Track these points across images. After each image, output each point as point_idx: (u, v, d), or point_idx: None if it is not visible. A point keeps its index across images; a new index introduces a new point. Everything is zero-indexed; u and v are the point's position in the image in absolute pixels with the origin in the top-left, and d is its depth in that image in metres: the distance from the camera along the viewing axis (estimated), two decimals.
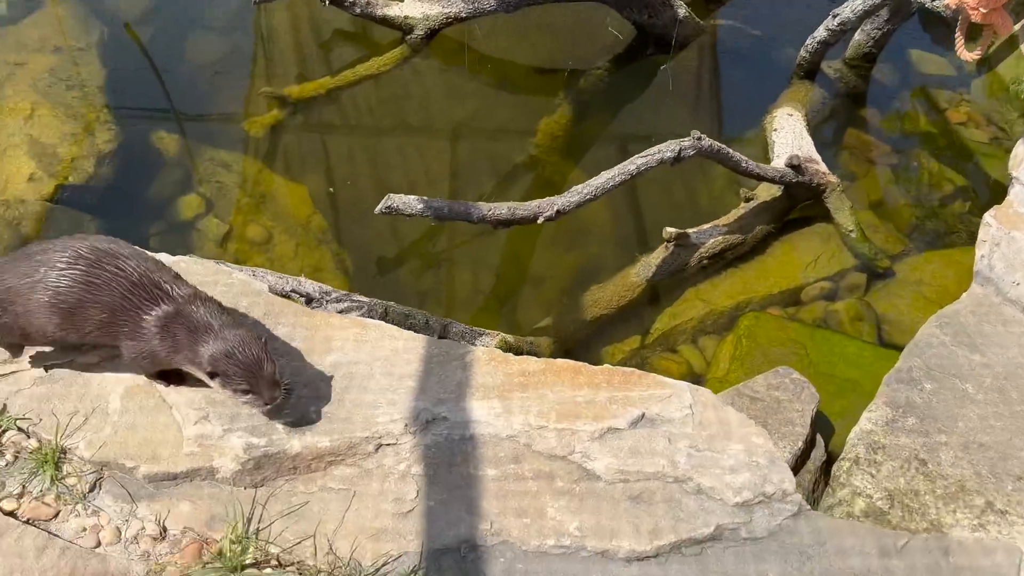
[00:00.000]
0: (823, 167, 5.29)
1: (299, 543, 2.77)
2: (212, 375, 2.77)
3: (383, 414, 2.98)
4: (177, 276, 2.93)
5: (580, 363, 3.15)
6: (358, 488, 2.89)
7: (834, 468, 3.30)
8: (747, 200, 5.22)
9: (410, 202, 3.70)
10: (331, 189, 5.46)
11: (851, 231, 5.16)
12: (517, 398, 3.02)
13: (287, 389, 2.88)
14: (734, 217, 5.18)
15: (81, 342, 2.99)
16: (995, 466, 3.16)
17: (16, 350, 3.15)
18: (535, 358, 3.17)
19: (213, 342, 2.74)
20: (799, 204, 5.33)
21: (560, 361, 3.15)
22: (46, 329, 2.90)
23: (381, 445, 2.94)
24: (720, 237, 5.06)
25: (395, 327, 3.33)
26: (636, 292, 4.91)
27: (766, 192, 5.26)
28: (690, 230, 5.01)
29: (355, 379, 3.12)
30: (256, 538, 2.78)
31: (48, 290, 2.81)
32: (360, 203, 5.45)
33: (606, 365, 3.15)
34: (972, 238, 5.06)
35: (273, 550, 2.77)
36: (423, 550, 2.72)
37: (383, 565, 2.71)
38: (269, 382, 2.76)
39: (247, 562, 2.73)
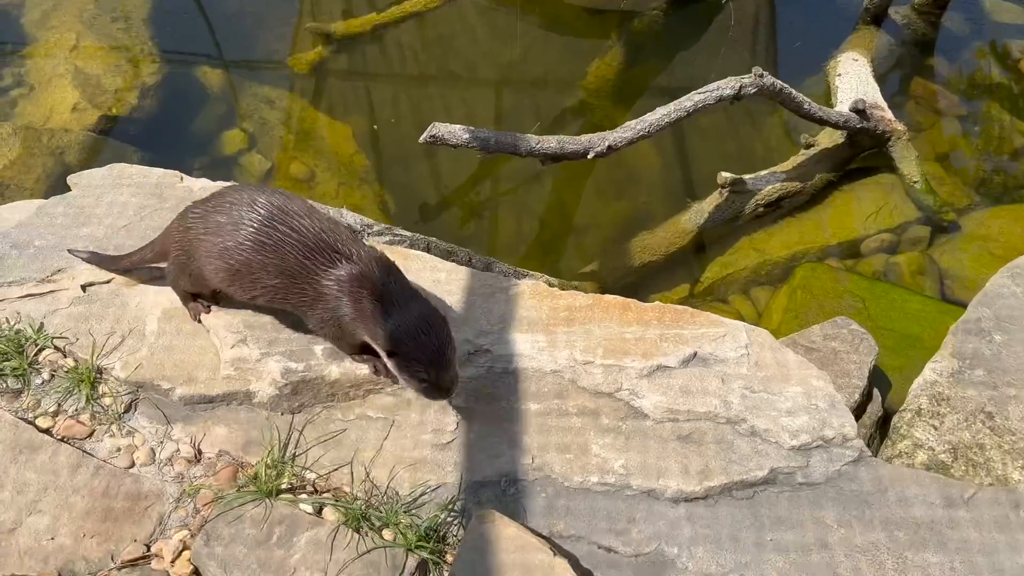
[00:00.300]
0: (889, 114, 5.03)
1: (336, 470, 2.69)
2: (391, 354, 2.48)
3: None
4: (354, 234, 2.70)
5: (629, 299, 3.01)
6: (397, 417, 2.79)
7: (894, 420, 3.13)
8: (807, 147, 4.99)
9: (455, 131, 3.57)
10: (375, 126, 5.35)
11: (916, 182, 4.91)
12: (562, 333, 2.89)
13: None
14: (792, 164, 4.96)
15: (264, 305, 2.77)
16: None
17: (205, 309, 3.00)
18: (582, 293, 3.03)
19: (397, 316, 2.45)
20: (862, 153, 5.09)
21: (608, 297, 3.01)
22: (223, 288, 2.77)
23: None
24: (777, 184, 4.85)
25: (438, 259, 3.21)
26: (687, 239, 4.74)
27: (827, 139, 5.02)
28: (746, 176, 4.81)
29: None
30: (292, 464, 2.71)
31: (215, 245, 2.65)
32: (403, 144, 5.34)
33: (657, 302, 3.01)
34: None
35: (309, 476, 2.69)
36: (462, 481, 2.62)
37: (421, 495, 2.62)
38: (449, 374, 2.46)
39: (282, 487, 2.66)
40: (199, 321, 2.98)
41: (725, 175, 4.70)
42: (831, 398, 2.70)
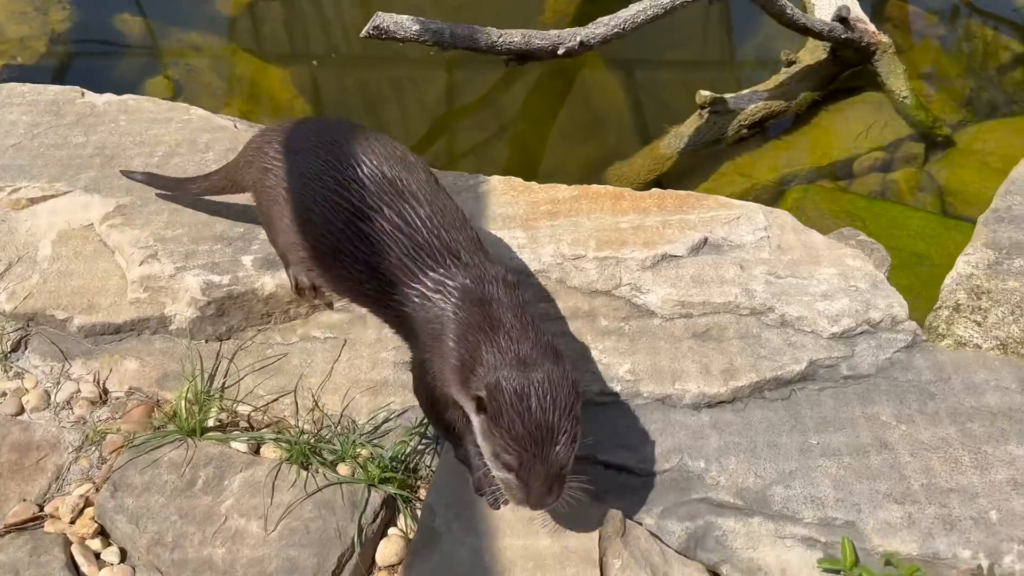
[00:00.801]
0: (872, 27, 4.64)
1: (275, 400, 2.18)
2: (480, 407, 1.65)
3: None
4: (478, 242, 1.96)
5: (622, 188, 2.54)
6: (349, 336, 2.29)
7: (928, 319, 2.69)
8: (788, 64, 4.58)
9: (403, 22, 3.06)
10: (314, 62, 4.83)
11: (905, 97, 4.52)
12: (545, 227, 2.41)
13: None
14: (775, 83, 4.54)
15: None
16: None
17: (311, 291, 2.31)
18: (565, 185, 2.55)
19: (504, 357, 1.67)
20: (846, 70, 4.69)
21: (596, 187, 2.54)
22: (304, 268, 2.16)
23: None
24: (760, 104, 4.42)
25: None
26: (667, 165, 4.28)
27: (809, 56, 4.61)
28: (727, 95, 4.38)
29: None
30: (221, 397, 2.19)
31: (294, 214, 2.04)
32: (346, 90, 4.84)
33: (655, 189, 2.54)
34: None
35: (243, 410, 2.18)
36: None
37: (384, 423, 2.12)
38: (546, 473, 1.60)
39: (209, 424, 2.14)
40: (300, 294, 2.28)
41: (704, 93, 4.27)
42: (872, 277, 2.25)
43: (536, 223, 2.42)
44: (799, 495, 1.90)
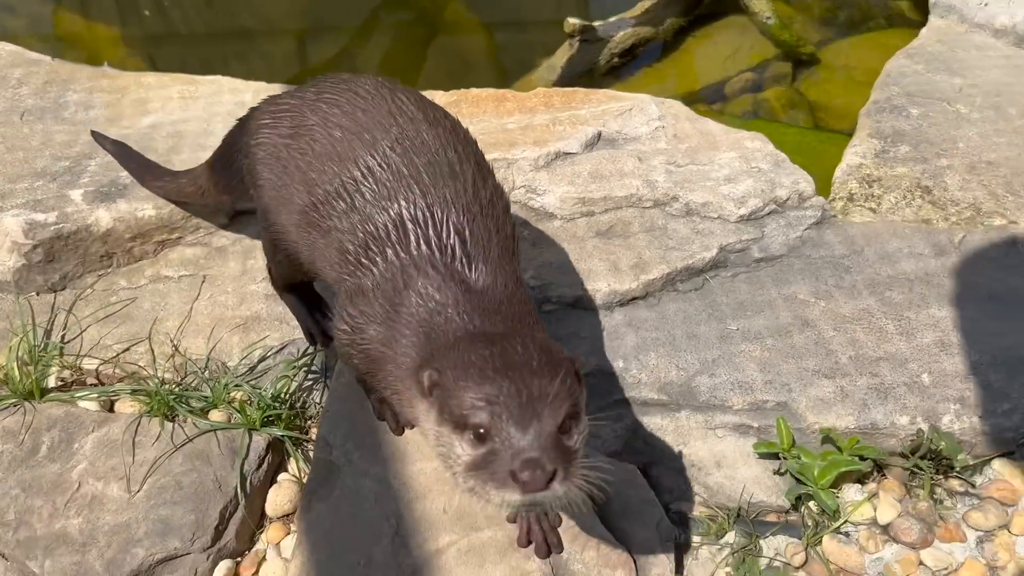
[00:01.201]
0: None
1: (126, 350, 1.86)
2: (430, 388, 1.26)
3: None
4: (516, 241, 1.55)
5: (504, 90, 2.33)
6: (209, 271, 1.99)
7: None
8: None
9: None
10: (146, 12, 4.38)
11: (768, 18, 4.50)
12: None
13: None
14: (641, 9, 4.43)
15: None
16: (1010, 184, 2.57)
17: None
18: (441, 91, 2.32)
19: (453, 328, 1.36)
20: None
21: (476, 90, 2.33)
22: (293, 241, 1.67)
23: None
24: (629, 30, 4.30)
25: (239, 79, 2.40)
26: None
27: None
28: (596, 22, 4.24)
29: (186, 138, 2.21)
30: (62, 353, 1.85)
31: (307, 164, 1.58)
32: (185, 33, 4.42)
33: (539, 88, 2.35)
34: (891, 22, 4.59)
35: (90, 365, 1.85)
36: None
37: (260, 361, 1.85)
38: (531, 434, 1.17)
39: (50, 385, 1.81)
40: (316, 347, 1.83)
41: (573, 21, 4.11)
42: (774, 157, 2.14)
43: None
44: (725, 383, 1.76)
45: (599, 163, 2.10)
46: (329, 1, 4.62)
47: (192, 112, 2.27)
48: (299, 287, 1.82)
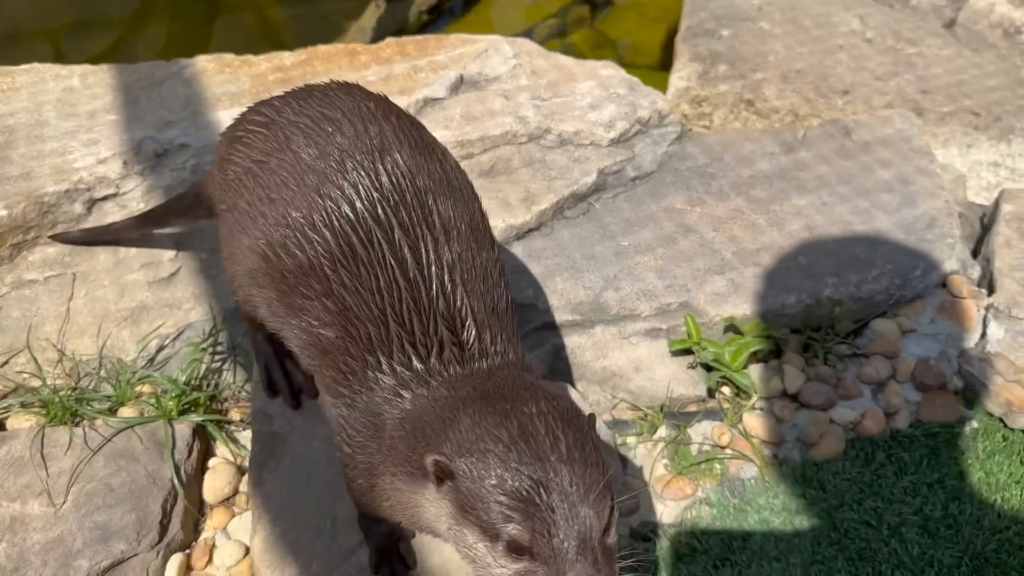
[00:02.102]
0: None
1: (4, 363, 1.68)
2: (441, 477, 1.08)
3: (81, 158, 1.92)
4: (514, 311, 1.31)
5: (354, 44, 2.29)
6: (78, 268, 1.84)
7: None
8: None
9: None
10: None
11: None
12: None
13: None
14: None
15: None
16: (819, 87, 2.87)
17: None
18: (288, 52, 2.24)
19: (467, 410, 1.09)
20: None
21: (324, 46, 2.27)
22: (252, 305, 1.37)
23: (95, 199, 1.89)
24: None
25: (59, 65, 2.20)
26: None
27: None
28: None
29: (18, 131, 2.01)
30: None
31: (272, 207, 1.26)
32: None
33: (389, 38, 2.32)
34: None
35: None
36: (213, 311, 1.77)
37: (160, 349, 1.73)
38: (579, 532, 1.02)
39: None
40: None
41: None
42: (629, 82, 2.25)
43: (270, 94, 2.09)
44: (630, 294, 1.86)
45: (468, 105, 2.12)
46: None
47: (17, 104, 2.06)
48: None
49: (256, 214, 1.27)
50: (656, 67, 4.26)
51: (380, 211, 1.19)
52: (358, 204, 1.20)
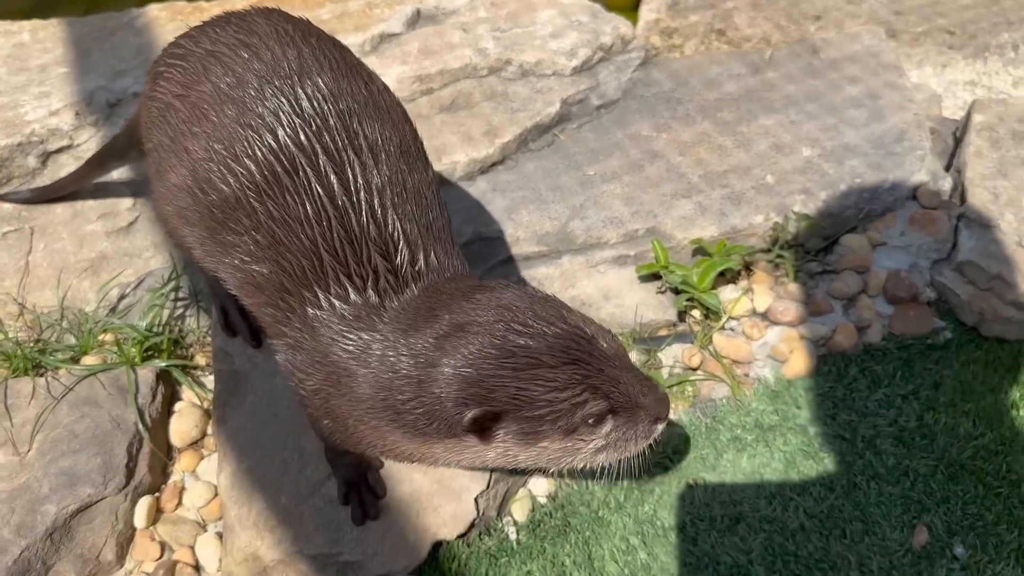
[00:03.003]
0: None
1: None
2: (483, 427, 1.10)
3: (33, 110, 1.88)
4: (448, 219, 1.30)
5: None
6: (35, 222, 1.81)
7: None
8: None
9: None
10: None
11: None
12: None
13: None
14: None
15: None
16: (790, 13, 2.81)
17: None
18: None
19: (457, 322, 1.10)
20: None
21: None
22: (187, 243, 1.32)
23: (49, 152, 1.86)
24: None
25: (8, 21, 2.15)
26: None
27: None
28: None
29: None
30: None
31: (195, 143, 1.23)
32: None
33: None
34: None
35: None
36: (175, 255, 1.75)
37: (121, 298, 1.72)
38: (633, 372, 1.13)
39: None
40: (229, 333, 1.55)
41: None
42: (590, 9, 2.21)
43: None
44: (596, 222, 1.83)
45: (426, 39, 2.08)
46: None
47: None
48: None
49: (180, 150, 1.24)
50: (633, 7, 4.19)
51: (303, 137, 1.16)
52: (280, 132, 1.17)
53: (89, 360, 1.60)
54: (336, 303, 1.15)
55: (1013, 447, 1.62)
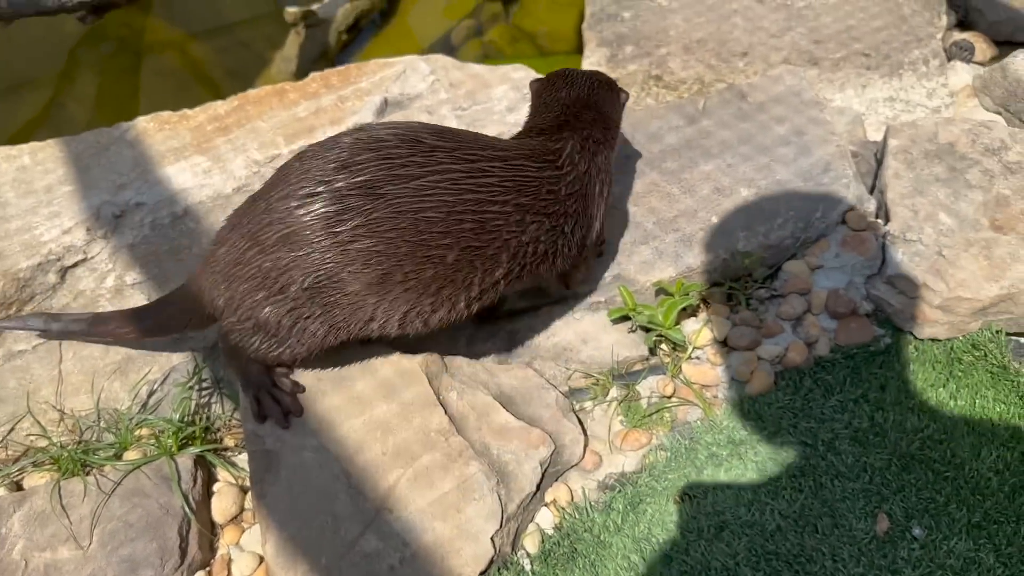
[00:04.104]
0: None
1: (11, 431, 1.84)
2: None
3: (47, 231, 2.07)
4: None
5: (281, 83, 2.44)
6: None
7: None
8: None
9: None
10: None
11: None
12: (223, 144, 2.26)
13: None
14: None
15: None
16: (719, 53, 3.07)
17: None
18: (221, 101, 2.40)
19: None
20: None
21: (253, 91, 2.42)
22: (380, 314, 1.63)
23: (66, 267, 2.04)
24: (348, 6, 4.45)
25: (8, 146, 2.33)
26: None
27: None
28: (313, 6, 4.34)
29: None
30: None
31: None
32: None
33: (313, 73, 2.48)
34: None
35: None
36: (193, 353, 1.94)
37: (151, 395, 1.90)
38: None
39: None
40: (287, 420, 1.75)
41: (292, 10, 4.19)
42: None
43: (211, 143, 2.26)
44: None
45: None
46: (19, 55, 4.34)
47: None
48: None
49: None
50: (573, 51, 4.44)
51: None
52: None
53: (131, 455, 1.78)
54: None
55: (954, 435, 1.85)
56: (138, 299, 2.02)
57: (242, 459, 1.85)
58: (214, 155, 2.22)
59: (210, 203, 2.16)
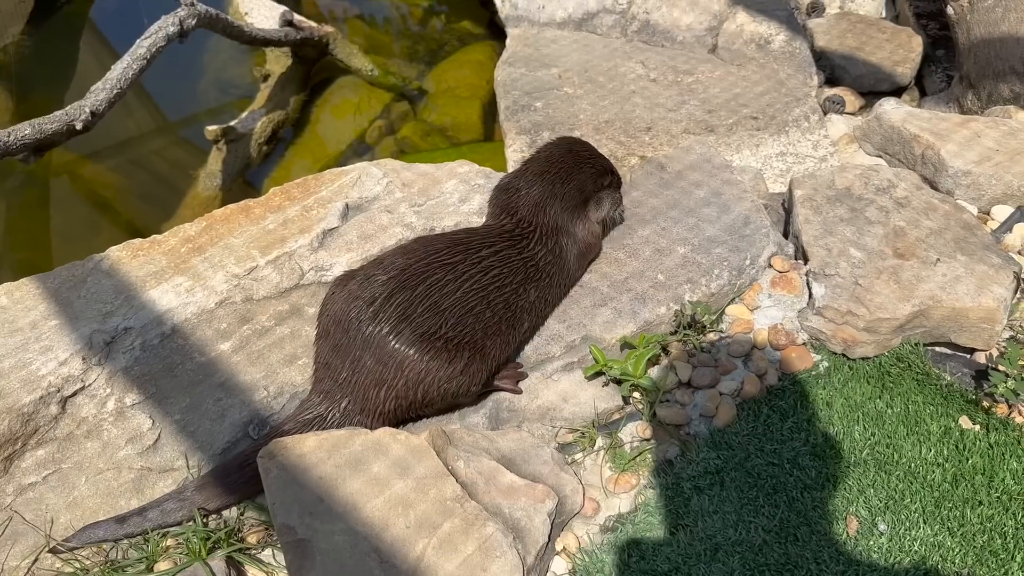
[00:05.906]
0: (314, 23, 5.13)
1: (35, 562, 1.89)
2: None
3: (43, 364, 2.15)
4: None
5: (244, 201, 2.60)
6: (71, 460, 2.06)
7: None
8: (265, 77, 4.87)
9: None
10: None
11: (371, 70, 5.12)
12: (200, 262, 2.39)
13: None
14: (264, 98, 4.78)
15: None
16: (626, 130, 3.41)
17: None
18: (189, 223, 2.54)
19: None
20: (313, 65, 5.13)
21: (218, 210, 2.57)
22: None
23: (66, 397, 2.12)
24: (264, 119, 4.64)
25: None
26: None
27: (278, 64, 4.94)
28: (232, 122, 4.52)
29: None
30: None
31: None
32: None
33: (274, 188, 2.65)
34: (464, 42, 5.40)
35: None
36: (202, 457, 2.04)
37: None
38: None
39: None
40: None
41: (212, 128, 4.36)
42: (483, 173, 2.69)
43: (188, 264, 2.39)
44: (542, 342, 2.26)
45: (360, 227, 2.49)
46: None
47: None
48: None
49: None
50: (481, 139, 4.76)
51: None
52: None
53: (161, 566, 1.86)
54: None
55: (896, 438, 2.12)
56: (140, 419, 2.11)
57: (266, 555, 1.95)
58: (193, 274, 2.35)
59: (195, 319, 2.28)
